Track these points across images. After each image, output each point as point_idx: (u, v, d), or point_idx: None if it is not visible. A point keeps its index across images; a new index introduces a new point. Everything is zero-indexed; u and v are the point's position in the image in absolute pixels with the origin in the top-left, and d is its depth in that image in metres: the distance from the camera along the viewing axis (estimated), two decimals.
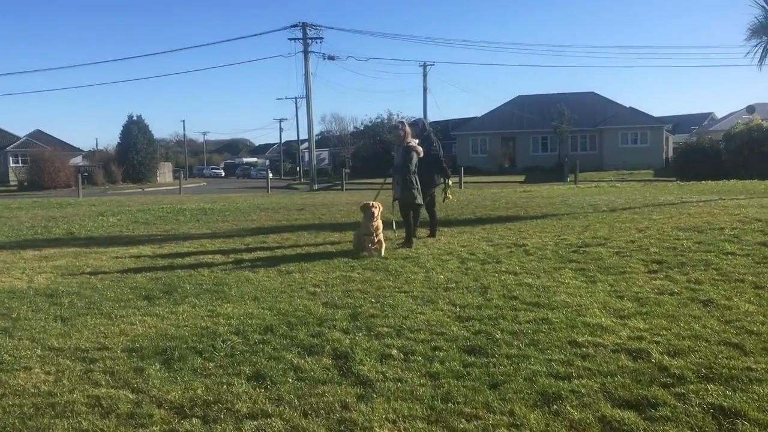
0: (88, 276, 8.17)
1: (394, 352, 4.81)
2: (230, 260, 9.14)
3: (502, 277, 7.40)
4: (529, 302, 6.19)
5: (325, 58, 42.67)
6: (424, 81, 59.41)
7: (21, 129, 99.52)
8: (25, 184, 54.00)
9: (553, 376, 4.26)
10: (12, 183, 58.35)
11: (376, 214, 9.00)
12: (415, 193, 9.84)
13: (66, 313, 6.20)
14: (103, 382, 4.30)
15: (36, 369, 4.61)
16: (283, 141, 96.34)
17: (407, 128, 10.15)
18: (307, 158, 68.56)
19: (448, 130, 61.95)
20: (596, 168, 51.82)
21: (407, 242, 9.87)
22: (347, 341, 5.08)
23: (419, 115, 59.20)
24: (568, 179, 39.20)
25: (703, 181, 26.74)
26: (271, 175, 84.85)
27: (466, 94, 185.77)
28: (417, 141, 10.25)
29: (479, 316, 5.76)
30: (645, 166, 50.68)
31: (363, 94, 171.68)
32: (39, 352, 5.00)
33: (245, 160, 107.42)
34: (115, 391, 4.14)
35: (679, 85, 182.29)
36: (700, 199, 16.43)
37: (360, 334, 5.29)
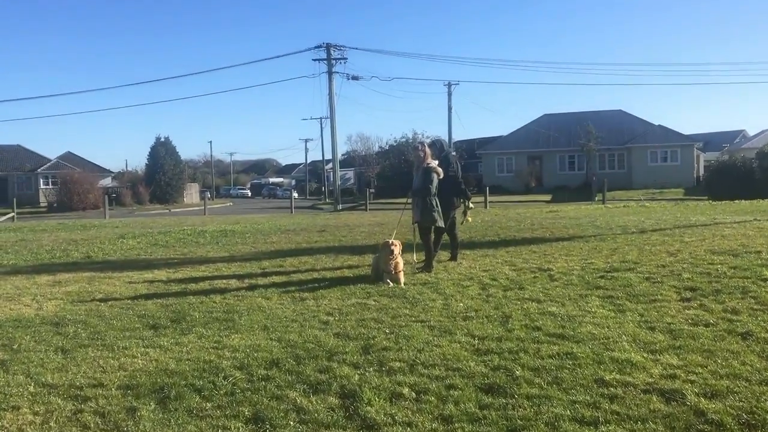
0: (98, 303, 7.96)
1: (406, 390, 4.47)
2: (244, 285, 8.89)
3: (525, 305, 7.03)
4: (553, 334, 5.82)
5: (348, 78, 42.69)
6: (449, 100, 59.31)
7: (52, 151, 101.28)
8: (55, 205, 54.62)
9: (577, 422, 3.89)
10: (42, 204, 59.05)
11: (396, 252, 8.68)
12: (436, 215, 9.52)
13: (68, 344, 5.96)
14: (92, 425, 4.02)
15: (24, 408, 4.35)
16: (309, 161, 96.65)
17: (427, 149, 9.86)
18: (332, 178, 68.77)
19: (473, 149, 61.63)
20: (625, 187, 51.00)
21: (427, 266, 9.54)
22: (356, 378, 4.75)
23: (444, 134, 59.09)
24: (596, 198, 38.57)
25: (736, 201, 26.02)
26: (296, 195, 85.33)
27: (492, 113, 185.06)
28: (437, 162, 9.95)
29: (499, 349, 5.40)
30: (675, 184, 49.75)
31: (388, 114, 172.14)
32: (31, 388, 4.74)
33: (271, 180, 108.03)
34: None
35: (709, 102, 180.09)
36: (734, 220, 15.86)
37: (371, 369, 4.96)
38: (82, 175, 57.48)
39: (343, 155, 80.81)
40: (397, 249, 8.72)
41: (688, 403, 4.08)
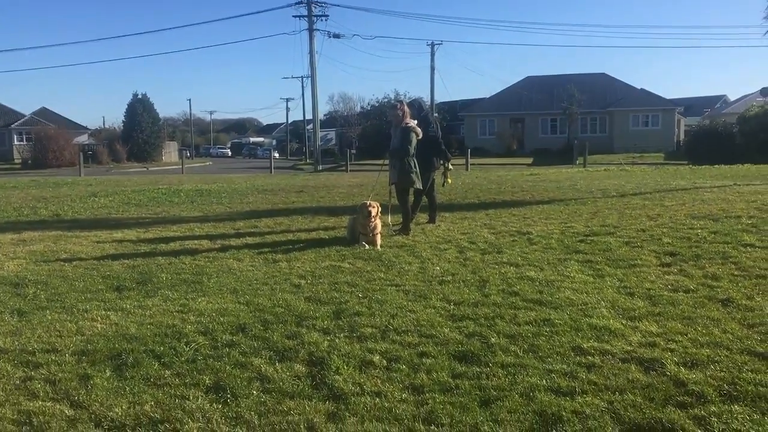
0: (62, 263, 7.67)
1: (376, 358, 4.28)
2: (216, 246, 8.63)
3: (503, 270, 6.86)
4: (531, 299, 5.65)
5: (330, 36, 41.94)
6: (432, 61, 58.52)
7: (27, 107, 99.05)
8: (29, 162, 53.56)
9: (553, 392, 3.73)
10: (16, 161, 57.93)
11: (373, 214, 8.44)
12: (413, 177, 9.28)
13: (26, 306, 5.70)
14: (41, 394, 3.80)
15: None
16: (290, 121, 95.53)
17: (405, 108, 9.55)
18: (312, 138, 67.91)
19: (455, 111, 61.20)
20: (606, 151, 50.91)
21: (404, 229, 9.33)
22: (325, 344, 4.56)
23: (426, 95, 58.50)
24: (577, 162, 38.48)
25: (716, 165, 26.03)
26: (277, 155, 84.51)
27: (475, 75, 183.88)
28: (416, 122, 9.67)
29: (474, 315, 5.23)
30: (655, 149, 49.77)
31: (370, 74, 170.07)
32: None
33: (252, 139, 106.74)
34: (52, 405, 3.63)
35: (691, 66, 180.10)
36: (714, 185, 15.79)
37: (341, 335, 4.77)
38: (57, 131, 56.32)
39: (324, 115, 79.92)
40: (374, 211, 8.49)
41: (668, 373, 3.93)
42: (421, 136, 9.44)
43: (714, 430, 3.25)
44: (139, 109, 61.74)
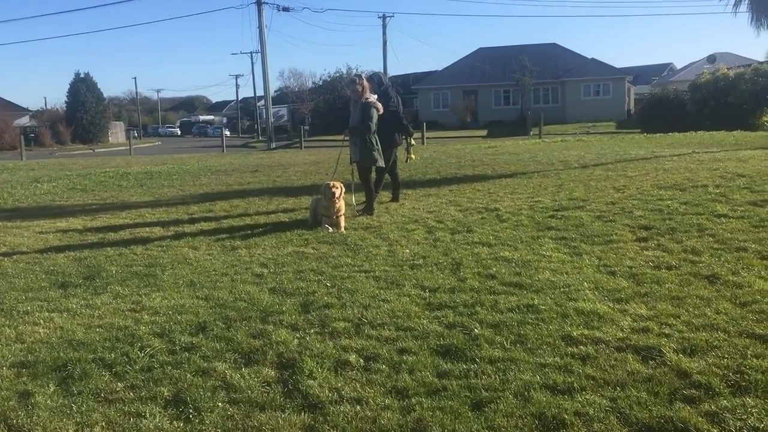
0: (0, 257, 7.08)
1: (353, 357, 3.91)
2: (169, 234, 8.11)
3: (476, 250, 6.54)
4: (509, 282, 5.34)
5: (279, 10, 40.93)
6: (384, 33, 57.78)
7: None
8: None
9: (549, 390, 3.41)
10: None
11: (337, 195, 8.01)
12: (376, 155, 8.87)
13: None
14: None
15: None
16: (240, 98, 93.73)
17: (365, 82, 9.09)
18: (264, 116, 66.52)
19: (408, 84, 60.63)
20: (559, 121, 51.17)
21: (368, 209, 8.94)
22: (295, 343, 4.16)
23: (379, 69, 57.78)
24: (532, 133, 38.52)
25: (669, 133, 26.22)
26: (228, 133, 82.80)
27: (428, 47, 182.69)
28: (376, 97, 9.24)
29: (452, 302, 4.89)
30: (607, 118, 50.23)
31: (321, 48, 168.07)
32: None
33: (202, 118, 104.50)
34: None
35: (637, 35, 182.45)
36: (673, 153, 15.77)
37: (312, 331, 4.38)
38: None
39: (275, 92, 78.37)
40: (338, 192, 8.07)
41: (668, 363, 3.66)
42: (382, 111, 9.02)
43: (730, 428, 2.98)
44: (83, 88, 59.63)
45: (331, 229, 7.87)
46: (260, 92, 60.15)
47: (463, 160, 17.45)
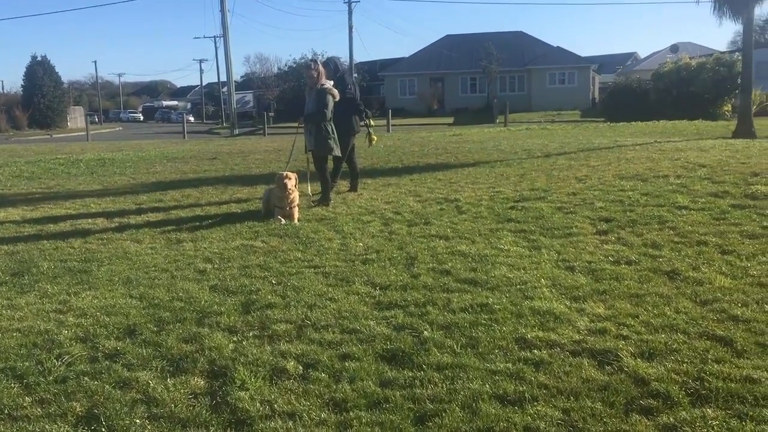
0: None
1: (291, 364, 3.62)
2: (113, 226, 7.71)
3: (432, 244, 6.28)
4: (464, 279, 5.10)
5: None
6: (350, 19, 57.18)
7: None
8: None
9: (499, 400, 3.17)
10: None
11: (290, 186, 7.67)
12: (331, 143, 8.54)
13: None
14: None
15: None
16: (205, 83, 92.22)
17: (320, 68, 8.73)
18: (228, 101, 65.33)
19: (375, 71, 60.27)
20: (525, 109, 51.26)
21: (324, 199, 8.62)
22: (230, 348, 3.85)
23: (345, 55, 57.22)
24: (498, 121, 38.46)
25: (633, 122, 26.29)
26: (192, 119, 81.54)
27: (394, 34, 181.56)
28: (332, 83, 8.91)
29: (403, 301, 4.62)
30: (572, 106, 50.40)
31: (287, 33, 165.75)
32: None
33: (165, 103, 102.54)
34: None
35: (602, 23, 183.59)
36: (636, 143, 15.70)
37: (250, 335, 4.08)
38: None
39: (241, 77, 77.37)
40: (291, 183, 7.74)
41: (626, 368, 3.44)
42: (338, 98, 8.70)
43: None
44: (39, 72, 58.00)
45: (283, 221, 7.55)
46: (224, 77, 59.09)
47: (426, 148, 17.20)
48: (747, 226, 6.31)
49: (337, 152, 8.73)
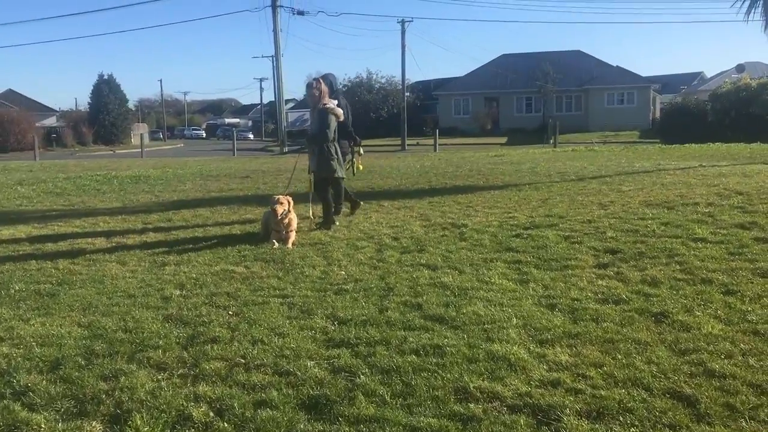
0: None
1: (200, 411, 3.34)
2: (108, 246, 7.63)
3: (416, 274, 5.94)
4: (432, 315, 4.73)
5: (294, 13, 40.48)
6: (402, 39, 56.55)
7: None
8: None
9: None
10: None
11: (280, 212, 7.45)
12: (334, 164, 8.29)
13: None
14: None
15: None
16: (268, 101, 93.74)
17: (323, 86, 8.45)
18: (290, 119, 66.07)
19: (429, 90, 60.08)
20: (581, 129, 50.24)
21: (326, 223, 8.36)
22: (146, 389, 3.59)
23: (398, 75, 57.06)
24: (551, 141, 37.68)
25: (687, 144, 25.27)
26: (251, 136, 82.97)
27: (448, 53, 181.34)
28: (336, 102, 8.64)
29: (356, 339, 4.30)
30: (631, 127, 49.10)
31: (341, 53, 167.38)
32: None
33: (227, 120, 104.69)
34: None
35: (668, 43, 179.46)
36: (679, 166, 14.96)
37: (177, 373, 3.82)
38: (20, 114, 54.43)
39: (304, 95, 78.14)
40: (281, 208, 7.50)
41: (564, 430, 3.03)
42: (342, 117, 8.44)
43: None
44: (105, 90, 60.09)
45: (277, 245, 7.33)
46: (287, 96, 59.93)
47: (461, 169, 16.83)
48: (762, 263, 5.75)
49: (341, 173, 8.47)
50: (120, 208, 10.98)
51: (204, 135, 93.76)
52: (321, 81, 8.42)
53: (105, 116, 59.37)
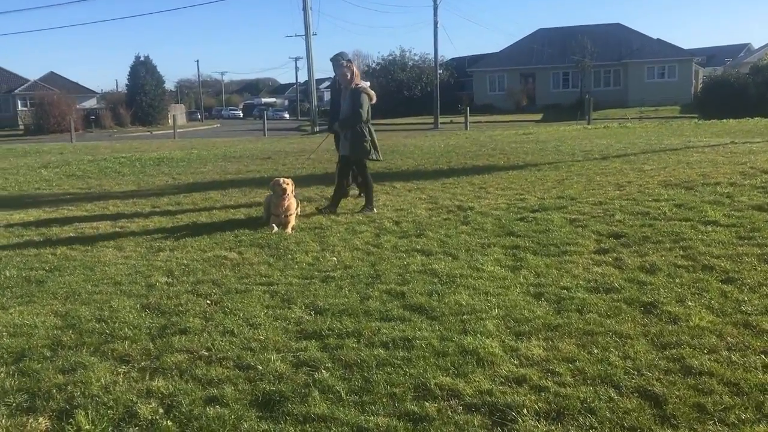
0: None
1: (149, 407, 3.25)
2: (110, 231, 7.63)
3: (408, 260, 5.78)
4: (412, 305, 4.59)
5: None
6: (435, 14, 55.78)
7: (35, 71, 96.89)
8: (32, 128, 52.95)
9: None
10: (21, 127, 57.28)
11: (287, 192, 7.37)
12: (368, 146, 8.03)
13: None
14: None
15: None
16: (304, 80, 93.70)
17: (354, 67, 8.25)
18: (325, 98, 65.72)
19: (464, 67, 59.35)
20: (620, 104, 49.11)
21: (368, 205, 8.15)
22: (101, 383, 3.53)
23: (430, 52, 56.43)
24: (586, 118, 36.85)
25: (725, 120, 24.45)
26: (287, 116, 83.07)
27: (482, 29, 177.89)
28: (368, 83, 8.45)
29: (329, 330, 4.18)
30: (672, 101, 47.81)
31: (373, 31, 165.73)
32: None
33: (264, 100, 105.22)
34: None
35: (715, 13, 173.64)
36: (709, 143, 14.45)
37: (138, 366, 3.75)
38: (60, 96, 55.43)
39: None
40: (288, 188, 7.43)
41: None
42: (375, 99, 8.23)
43: None
44: (142, 71, 60.76)
45: (276, 229, 7.24)
46: (319, 75, 59.79)
47: (484, 148, 16.54)
48: None
49: (376, 156, 8.24)
50: (133, 192, 11.02)
51: (241, 115, 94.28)
52: (351, 60, 8.19)
53: (142, 97, 60.07)
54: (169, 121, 65.03)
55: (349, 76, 8.12)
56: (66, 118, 53.13)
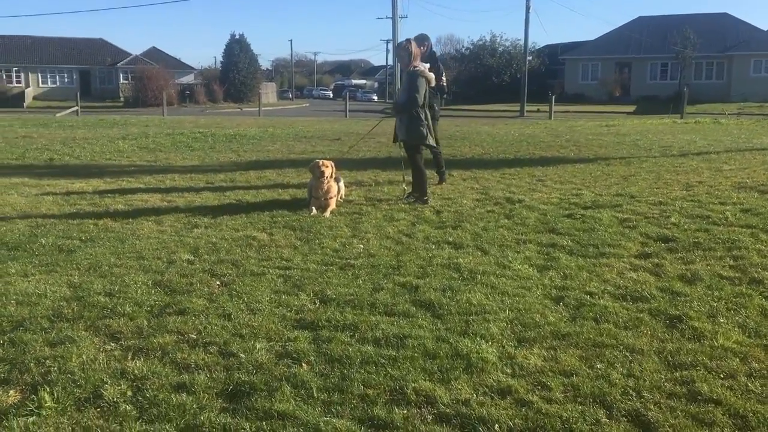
0: None
1: (117, 389, 3.19)
2: (158, 205, 7.73)
3: (435, 252, 5.56)
4: (422, 301, 4.38)
5: None
6: None
7: (138, 46, 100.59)
8: (131, 101, 55.20)
9: None
10: (121, 99, 59.81)
11: (326, 175, 7.25)
12: (424, 130, 7.74)
13: None
14: None
15: None
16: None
17: (413, 47, 7.97)
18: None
19: (556, 54, 57.61)
20: (722, 99, 46.42)
21: (422, 195, 7.78)
22: (82, 359, 3.49)
23: (521, 38, 55.07)
24: (680, 111, 35.05)
25: None
26: (375, 98, 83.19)
27: (577, 16, 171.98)
28: (427, 65, 8.19)
29: (326, 322, 4.02)
30: None
31: (466, 15, 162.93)
32: None
33: (354, 81, 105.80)
34: None
35: None
36: None
37: (126, 345, 3.71)
38: (158, 71, 57.41)
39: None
40: (327, 171, 7.31)
41: None
42: (433, 82, 7.95)
43: None
44: (236, 49, 62.03)
45: (315, 212, 7.14)
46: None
47: (559, 139, 15.96)
48: None
49: (431, 141, 7.97)
50: (194, 167, 11.19)
51: (331, 95, 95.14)
52: (412, 42, 7.95)
53: (235, 75, 61.42)
54: (261, 98, 66.87)
55: (407, 59, 7.86)
56: (163, 93, 55.36)
